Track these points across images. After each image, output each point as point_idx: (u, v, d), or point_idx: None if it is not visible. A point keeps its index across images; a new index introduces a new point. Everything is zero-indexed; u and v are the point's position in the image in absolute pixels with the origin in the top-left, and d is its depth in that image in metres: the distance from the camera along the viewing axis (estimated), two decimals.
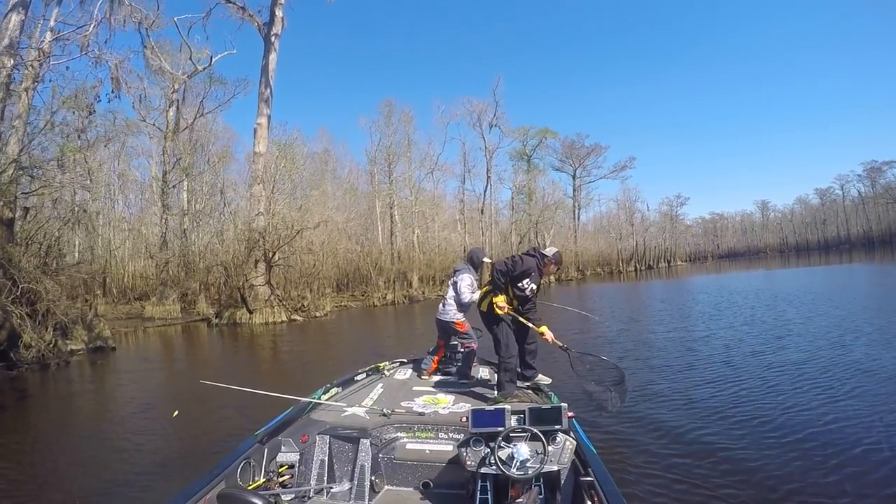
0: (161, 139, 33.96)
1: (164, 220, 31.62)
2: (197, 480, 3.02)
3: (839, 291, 21.17)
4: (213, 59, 31.89)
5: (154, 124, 34.80)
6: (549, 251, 5.41)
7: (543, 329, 5.17)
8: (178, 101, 33.06)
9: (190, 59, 32.25)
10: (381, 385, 5.03)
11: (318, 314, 24.11)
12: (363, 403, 4.31)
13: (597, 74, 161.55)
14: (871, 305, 16.12)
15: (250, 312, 21.64)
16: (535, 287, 5.18)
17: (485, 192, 56.25)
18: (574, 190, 73.77)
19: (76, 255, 37.11)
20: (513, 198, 63.97)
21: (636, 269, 77.33)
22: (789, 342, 10.71)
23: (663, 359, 10.05)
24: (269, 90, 24.82)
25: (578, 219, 74.24)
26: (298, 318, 22.78)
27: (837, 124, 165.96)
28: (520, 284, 5.11)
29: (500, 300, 5.00)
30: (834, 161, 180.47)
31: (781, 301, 18.80)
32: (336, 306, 29.52)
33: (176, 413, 5.54)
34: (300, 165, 31.22)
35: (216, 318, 22.73)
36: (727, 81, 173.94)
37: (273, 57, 25.05)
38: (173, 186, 33.28)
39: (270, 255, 22.69)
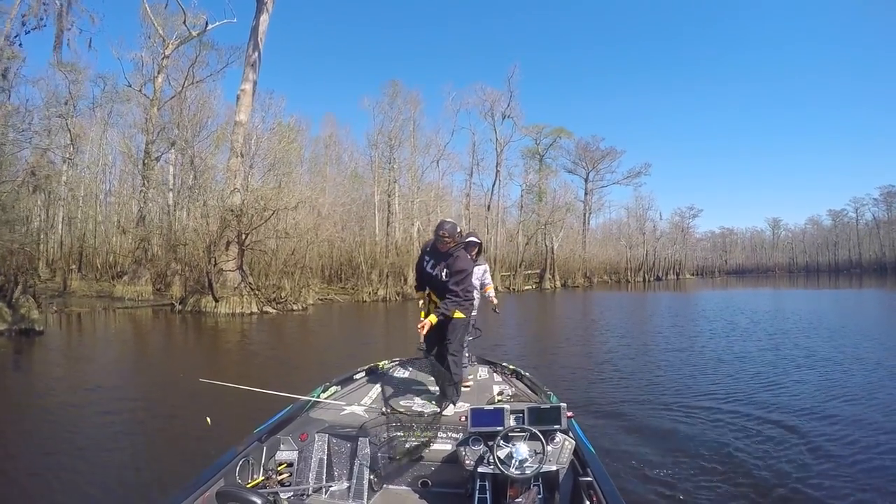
0: (148, 108, 31.46)
1: (142, 194, 29.12)
2: (195, 478, 2.90)
3: (863, 321, 19.19)
4: (209, 26, 29.56)
5: (141, 90, 32.34)
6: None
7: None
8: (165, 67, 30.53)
9: (184, 23, 29.91)
10: (380, 384, 4.72)
11: (295, 307, 21.57)
12: (362, 402, 4.25)
13: (614, 80, 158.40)
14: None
15: (216, 300, 19.14)
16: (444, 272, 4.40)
17: (493, 187, 53.61)
18: (585, 194, 71.09)
19: (59, 227, 35.24)
20: (522, 197, 61.27)
21: (645, 280, 74.84)
22: (797, 359, 11.01)
23: (667, 367, 10.38)
24: (257, 53, 22.25)
25: (588, 224, 71.58)
26: (272, 310, 20.29)
27: (855, 149, 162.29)
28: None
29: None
30: (849, 186, 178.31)
31: (802, 325, 17.27)
32: (320, 299, 27.09)
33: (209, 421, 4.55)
34: (287, 141, 28.47)
35: (180, 304, 20.28)
36: (746, 98, 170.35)
37: (265, 18, 22.50)
38: (156, 159, 30.81)
39: (244, 236, 20.12)
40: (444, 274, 4.35)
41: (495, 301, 5.87)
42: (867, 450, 5.63)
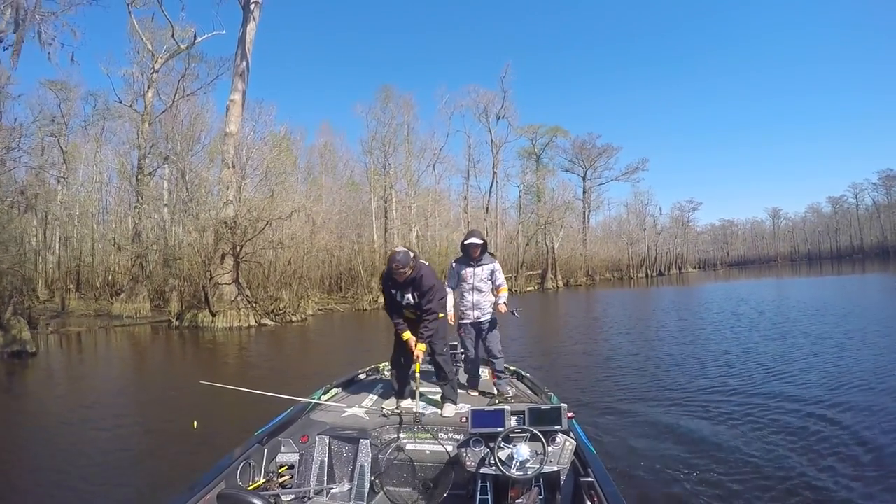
0: (139, 124, 31.26)
1: (137, 211, 28.89)
2: (197, 481, 2.90)
3: (869, 305, 19.00)
4: (197, 38, 29.35)
5: (132, 106, 32.20)
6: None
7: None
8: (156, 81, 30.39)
9: (172, 36, 29.76)
10: (380, 385, 4.84)
11: (294, 318, 21.28)
12: (363, 404, 4.25)
13: (608, 76, 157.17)
14: None
15: (213, 315, 18.85)
16: (413, 295, 4.29)
17: (490, 188, 53.30)
18: (584, 192, 70.67)
19: (56, 247, 35.05)
20: (520, 197, 60.99)
21: (647, 275, 74.47)
22: (805, 346, 10.94)
23: (672, 361, 10.18)
24: (245, 63, 22.02)
25: (588, 222, 71.18)
26: (270, 322, 19.99)
27: (852, 135, 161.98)
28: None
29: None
30: (847, 172, 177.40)
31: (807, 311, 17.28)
32: (320, 309, 26.80)
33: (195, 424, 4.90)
34: (279, 150, 28.26)
35: (177, 319, 20.03)
36: (741, 88, 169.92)
37: (252, 27, 22.28)
38: (150, 174, 30.61)
39: (239, 248, 19.85)
40: (414, 297, 4.24)
41: (503, 310, 5.10)
42: (884, 435, 5.46)
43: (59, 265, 34.22)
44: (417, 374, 4.19)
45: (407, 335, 4.30)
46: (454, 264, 5.19)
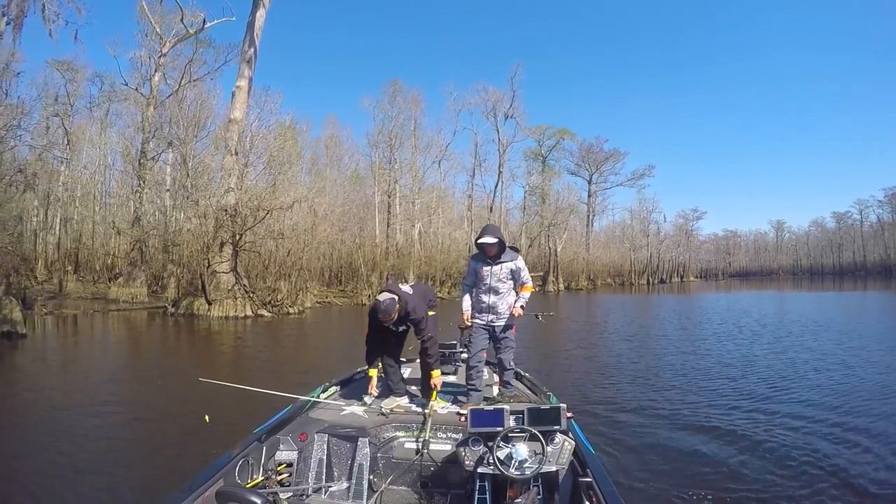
0: (144, 108, 31.00)
1: (138, 195, 28.66)
2: (195, 478, 2.87)
3: (871, 323, 18.68)
4: (207, 23, 29.08)
5: (137, 89, 31.93)
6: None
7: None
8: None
9: (181, 20, 29.54)
10: (379, 384, 4.66)
11: (291, 310, 21.05)
12: (362, 402, 4.22)
13: (618, 82, 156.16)
14: None
15: (209, 303, 18.62)
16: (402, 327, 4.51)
17: (495, 188, 53.00)
18: (589, 196, 70.35)
19: (56, 228, 34.84)
20: (525, 198, 60.76)
21: (648, 282, 74.30)
22: (808, 362, 10.73)
23: (672, 370, 10.16)
24: (252, 50, 21.76)
25: (592, 226, 70.86)
26: (267, 313, 19.75)
27: (859, 151, 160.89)
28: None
29: None
30: (853, 189, 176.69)
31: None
32: (319, 302, 26.61)
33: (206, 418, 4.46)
34: (283, 139, 28.02)
35: (173, 306, 19.81)
36: (751, 101, 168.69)
37: (261, 13, 22.02)
38: (153, 158, 30.37)
39: (238, 237, 19.60)
40: (407, 326, 4.42)
41: (518, 313, 4.57)
42: (887, 454, 5.33)
43: (58, 246, 34.02)
44: (433, 403, 4.08)
45: (373, 373, 4.46)
46: (471, 260, 4.68)
